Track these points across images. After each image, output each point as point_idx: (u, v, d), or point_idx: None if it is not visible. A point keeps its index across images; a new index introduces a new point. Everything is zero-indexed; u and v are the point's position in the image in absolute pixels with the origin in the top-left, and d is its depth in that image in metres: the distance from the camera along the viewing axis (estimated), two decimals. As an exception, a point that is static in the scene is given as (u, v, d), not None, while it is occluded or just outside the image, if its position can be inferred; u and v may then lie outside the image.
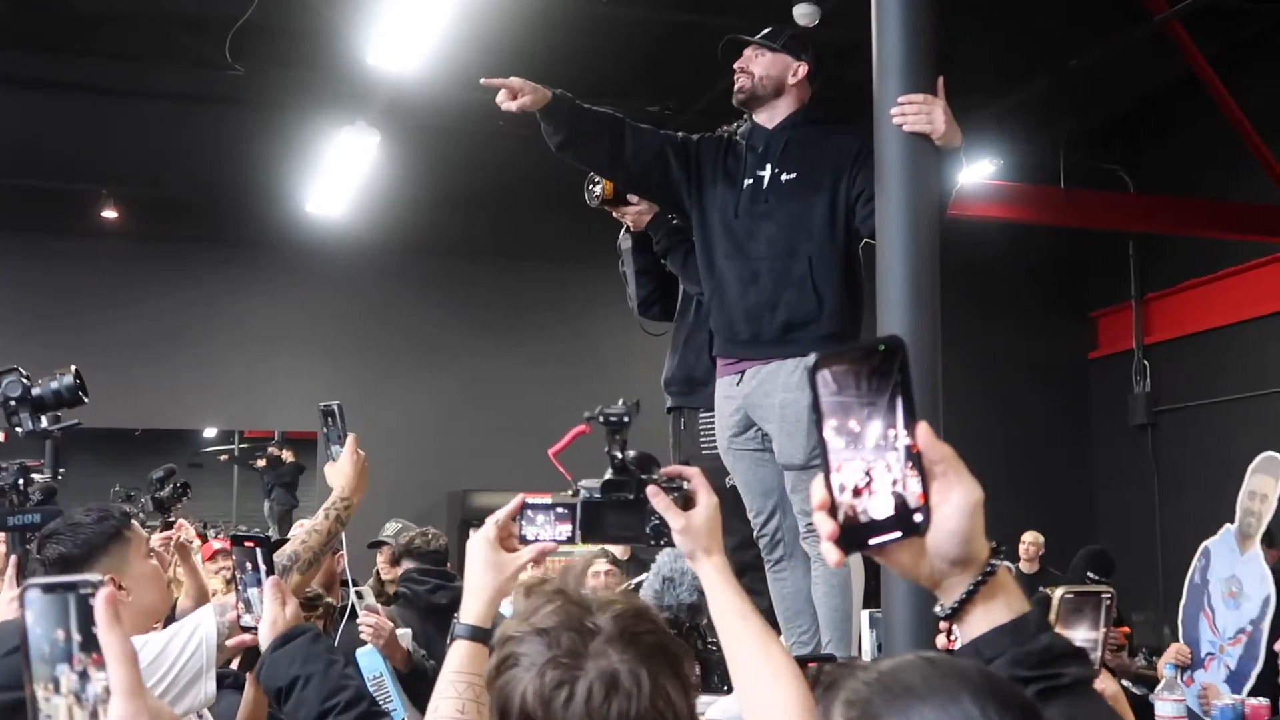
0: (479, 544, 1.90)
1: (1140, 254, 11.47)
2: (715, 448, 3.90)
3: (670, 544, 1.86)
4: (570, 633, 1.35)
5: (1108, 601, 2.18)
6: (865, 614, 3.73)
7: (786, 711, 1.68)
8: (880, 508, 1.08)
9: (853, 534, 1.07)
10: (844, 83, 3.71)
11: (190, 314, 11.24)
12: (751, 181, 3.75)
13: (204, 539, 6.02)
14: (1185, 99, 9.63)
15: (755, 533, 3.82)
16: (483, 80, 3.58)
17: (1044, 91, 9.16)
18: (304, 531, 2.86)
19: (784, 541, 3.75)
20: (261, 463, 14.10)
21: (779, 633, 3.77)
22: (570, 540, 1.91)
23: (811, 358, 1.06)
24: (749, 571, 3.88)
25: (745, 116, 3.92)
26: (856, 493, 1.07)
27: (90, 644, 1.00)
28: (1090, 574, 6.89)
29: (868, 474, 1.07)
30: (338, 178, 9.67)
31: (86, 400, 3.24)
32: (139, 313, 11.15)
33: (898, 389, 1.06)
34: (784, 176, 3.71)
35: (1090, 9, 8.47)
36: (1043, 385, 12.04)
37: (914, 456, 1.08)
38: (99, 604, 0.99)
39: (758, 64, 3.81)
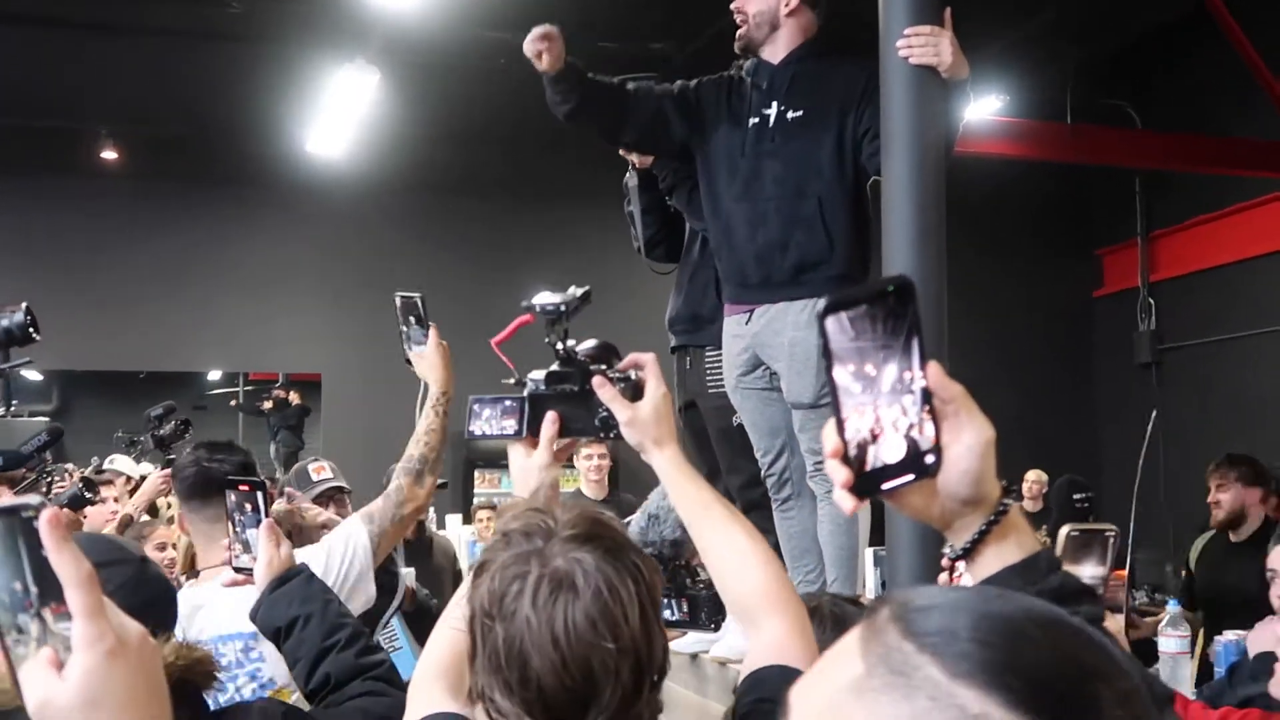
0: (516, 451, 1.87)
1: (1147, 191, 11.40)
2: (722, 386, 3.89)
3: (619, 436, 1.80)
4: (530, 537, 1.36)
5: (1113, 539, 2.17)
6: (870, 552, 3.74)
7: (759, 596, 1.68)
8: (892, 451, 1.05)
9: (866, 480, 1.05)
10: (848, 13, 3.63)
11: (191, 254, 11.20)
12: (757, 120, 3.69)
13: None
14: (1194, 33, 9.52)
15: (763, 472, 3.81)
16: (543, 29, 3.47)
17: (1051, 25, 9.05)
18: (421, 433, 3.00)
19: (791, 481, 3.75)
20: (268, 404, 14.10)
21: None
22: (517, 434, 1.86)
23: (820, 303, 1.03)
24: (755, 510, 3.87)
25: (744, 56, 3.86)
26: (872, 438, 1.05)
27: (49, 593, 0.94)
28: (1075, 497, 6.87)
29: (879, 418, 1.05)
30: (337, 116, 9.60)
31: (38, 338, 3.21)
32: (140, 253, 11.11)
33: (913, 330, 1.04)
34: (790, 114, 3.65)
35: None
36: (1047, 323, 12.01)
37: (929, 398, 1.05)
38: (44, 526, 0.94)
39: (750, 4, 3.74)
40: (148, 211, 11.20)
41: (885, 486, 1.06)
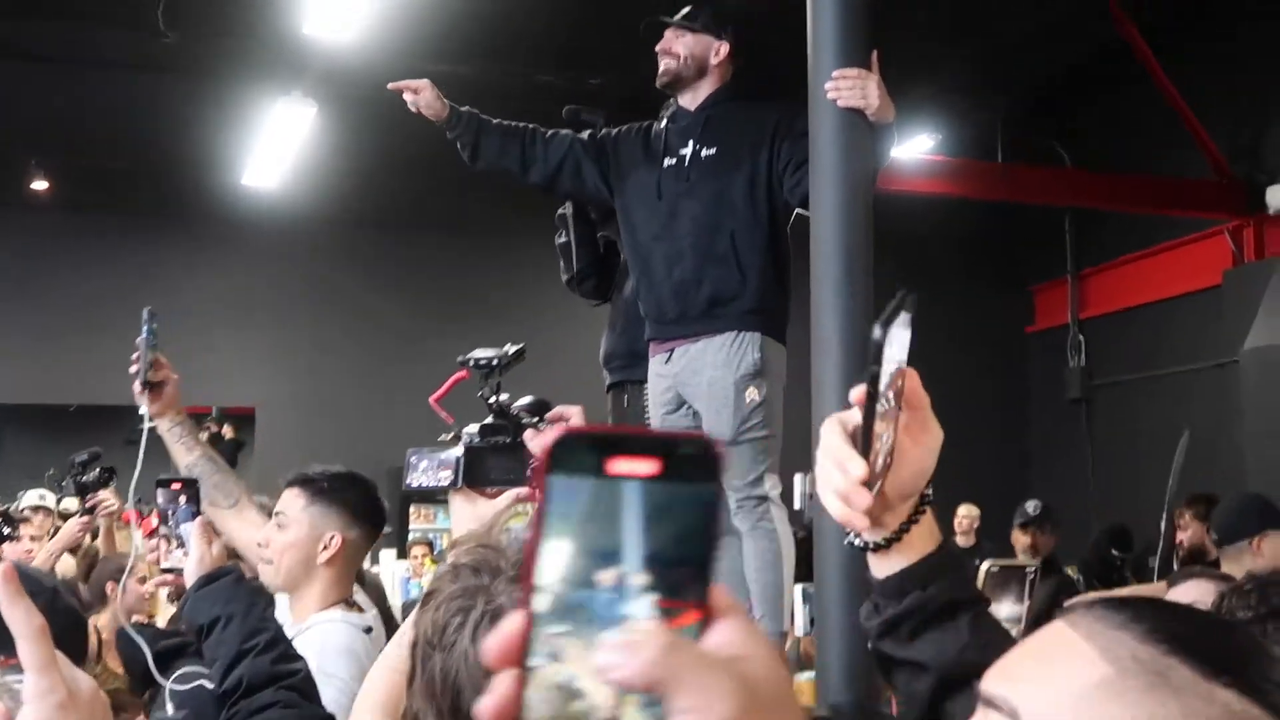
0: (457, 501, 1.90)
1: (1076, 228, 11.58)
2: (660, 423, 3.92)
3: None
4: (479, 572, 1.37)
5: (1032, 576, 2.21)
6: (798, 588, 3.76)
7: None
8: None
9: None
10: (779, 56, 3.72)
11: (125, 287, 11.05)
12: (673, 161, 3.79)
13: (142, 515, 5.95)
14: (1121, 74, 9.71)
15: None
16: (390, 85, 3.64)
17: (981, 66, 9.22)
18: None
19: (717, 518, 3.76)
20: (204, 436, 13.92)
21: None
22: (453, 484, 1.89)
23: (874, 331, 1.05)
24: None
25: (669, 100, 3.95)
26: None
27: (1, 646, 0.95)
28: (1114, 550, 6.90)
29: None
30: (274, 149, 9.56)
31: None
32: (71, 285, 10.97)
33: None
34: (704, 152, 3.74)
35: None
36: (981, 359, 12.13)
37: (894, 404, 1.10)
38: None
39: (680, 44, 3.84)
40: (80, 243, 11.07)
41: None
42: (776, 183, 3.67)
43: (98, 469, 5.02)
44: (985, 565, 2.25)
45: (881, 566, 1.24)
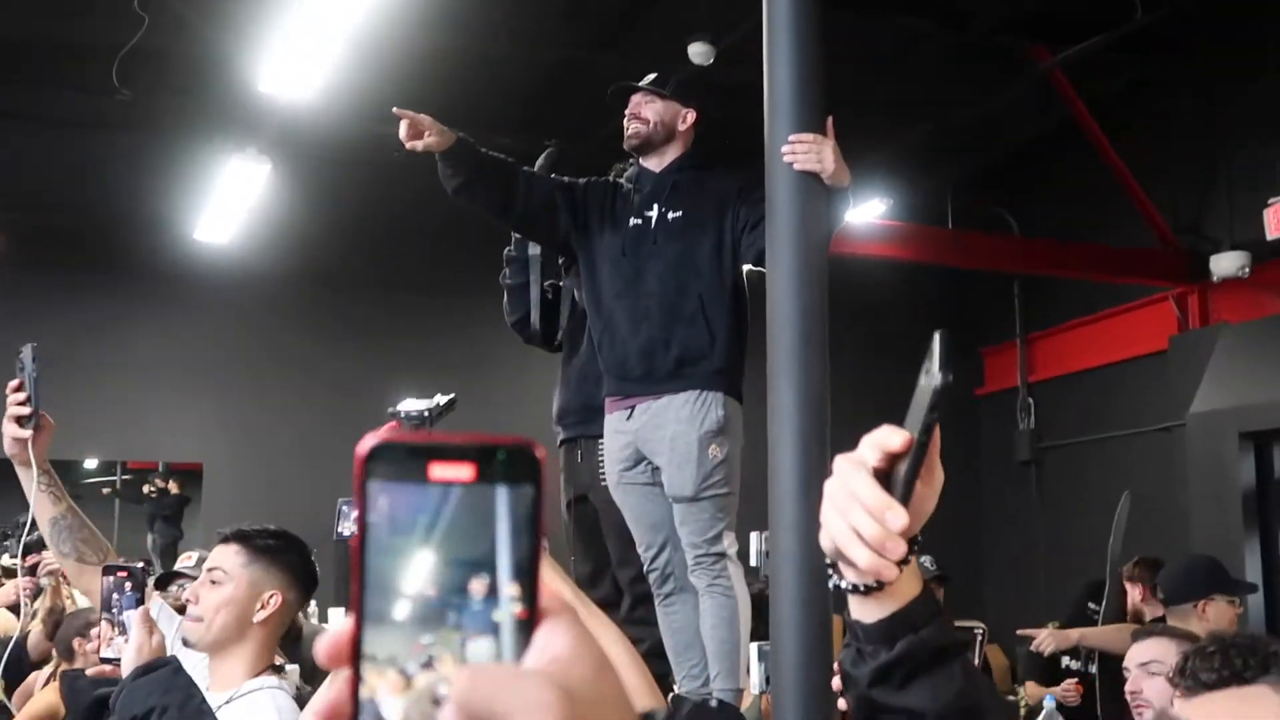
0: None
1: (1025, 294, 11.72)
2: (615, 479, 3.92)
3: None
4: None
5: (980, 636, 2.23)
6: (754, 646, 3.75)
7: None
8: None
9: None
10: (739, 121, 3.79)
11: (73, 342, 10.93)
12: (639, 221, 3.82)
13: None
14: (1067, 145, 9.90)
15: (645, 567, 3.83)
16: (395, 110, 3.59)
17: (932, 135, 9.38)
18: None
19: (674, 575, 3.77)
20: (149, 489, 13.74)
21: (670, 667, 3.78)
22: None
23: (939, 374, 1.08)
24: (644, 603, 3.90)
25: (631, 160, 4.00)
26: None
27: None
28: (1090, 604, 6.95)
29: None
30: (227, 206, 9.53)
31: None
32: (19, 340, 10.83)
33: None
34: (670, 215, 3.79)
35: (976, 57, 8.68)
36: (931, 421, 12.20)
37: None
38: None
39: (649, 109, 3.91)
40: (28, 298, 10.95)
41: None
42: (736, 244, 3.73)
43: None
44: None
45: (869, 610, 1.19)
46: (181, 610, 2.45)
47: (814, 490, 2.90)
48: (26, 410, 2.72)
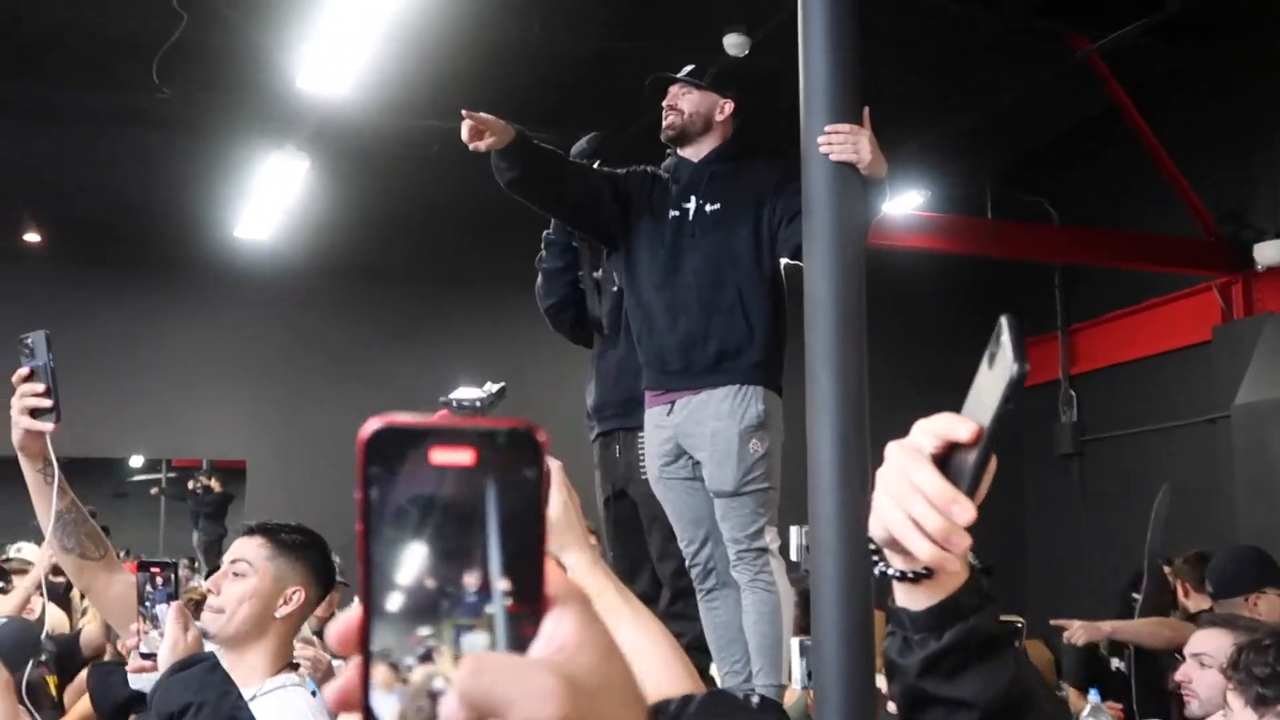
0: None
1: (1066, 284, 11.63)
2: (656, 472, 3.90)
3: None
4: None
5: (1018, 628, 2.21)
6: (795, 641, 3.73)
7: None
8: None
9: None
10: (775, 111, 3.77)
11: (116, 340, 11.06)
12: (677, 214, 3.80)
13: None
14: (1108, 133, 9.80)
15: (687, 562, 3.82)
16: (464, 112, 3.54)
17: (970, 125, 9.30)
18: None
19: (716, 570, 3.76)
20: (194, 486, 13.85)
21: (711, 662, 3.77)
22: None
23: (1014, 363, 1.02)
24: (685, 597, 3.88)
25: (669, 151, 3.98)
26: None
27: None
28: (1134, 594, 6.91)
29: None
30: (267, 202, 9.59)
31: None
32: (64, 338, 10.79)
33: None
34: (709, 207, 3.77)
35: (1013, 44, 8.60)
36: (972, 414, 12.12)
37: None
38: None
39: (686, 101, 3.90)
40: (71, 295, 11.05)
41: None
42: (774, 237, 3.70)
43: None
44: None
45: (917, 598, 1.15)
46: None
47: (853, 484, 2.88)
48: (47, 403, 2.63)
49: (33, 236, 10.73)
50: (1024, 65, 8.70)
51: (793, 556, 3.07)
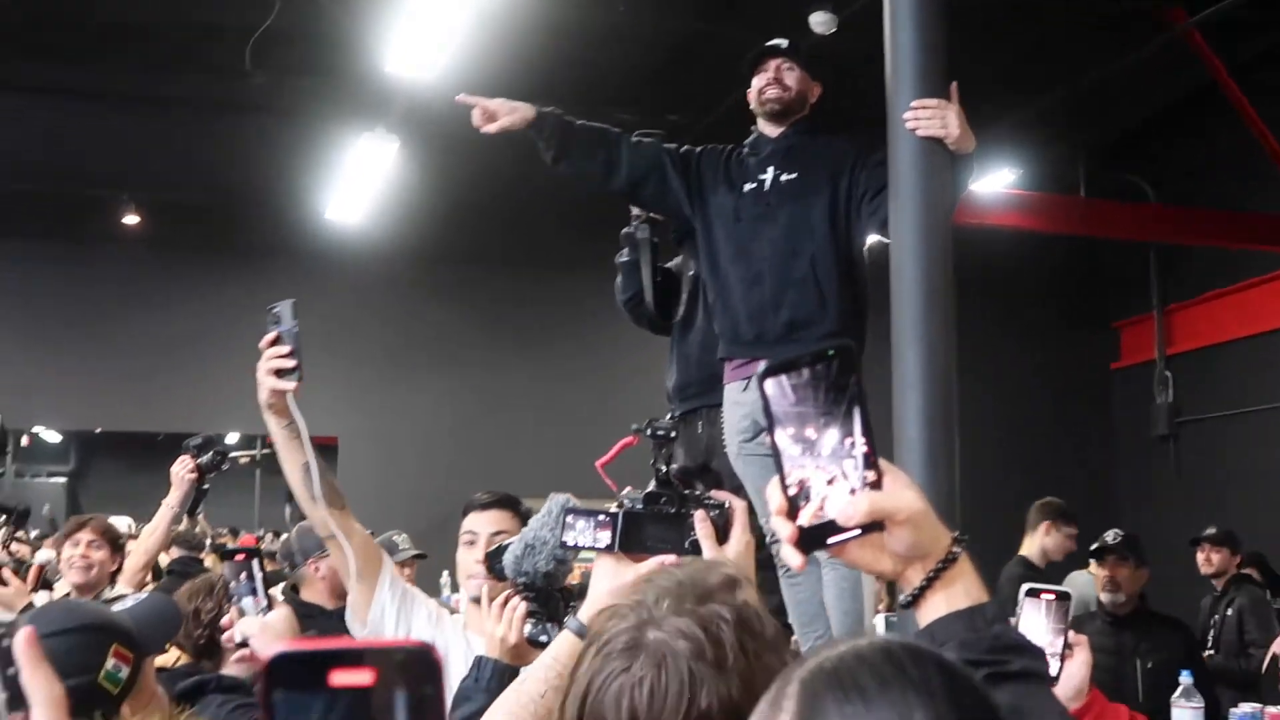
0: (605, 563, 1.90)
1: (1162, 264, 11.42)
2: (738, 446, 3.91)
3: None
4: (634, 628, 1.34)
5: (1067, 603, 2.21)
6: (880, 618, 3.73)
7: None
8: (835, 509, 1.11)
9: (811, 535, 1.10)
10: (860, 89, 3.75)
11: (211, 319, 11.28)
12: (754, 185, 3.80)
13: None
14: (1205, 109, 9.59)
15: (768, 538, 3.81)
16: (459, 98, 3.63)
17: (1063, 101, 9.14)
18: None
19: (797, 546, 3.75)
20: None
21: (791, 635, 3.77)
22: (609, 548, 1.90)
23: (760, 365, 1.07)
24: (763, 569, 3.88)
25: (752, 128, 3.97)
26: (815, 496, 1.10)
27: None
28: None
29: (828, 481, 1.08)
30: (357, 184, 9.70)
31: None
32: (161, 318, 11.20)
33: (854, 400, 1.07)
34: (784, 177, 3.76)
35: (1108, 20, 8.44)
36: (1064, 396, 11.97)
37: (871, 462, 1.10)
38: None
39: (790, 77, 3.88)
40: (168, 276, 11.31)
41: (830, 541, 1.12)
42: (855, 211, 3.67)
43: (210, 452, 4.90)
44: (1025, 588, 2.24)
45: (919, 618, 1.21)
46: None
47: (941, 463, 2.86)
48: (291, 363, 2.82)
49: (131, 219, 10.98)
50: (1120, 41, 8.53)
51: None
